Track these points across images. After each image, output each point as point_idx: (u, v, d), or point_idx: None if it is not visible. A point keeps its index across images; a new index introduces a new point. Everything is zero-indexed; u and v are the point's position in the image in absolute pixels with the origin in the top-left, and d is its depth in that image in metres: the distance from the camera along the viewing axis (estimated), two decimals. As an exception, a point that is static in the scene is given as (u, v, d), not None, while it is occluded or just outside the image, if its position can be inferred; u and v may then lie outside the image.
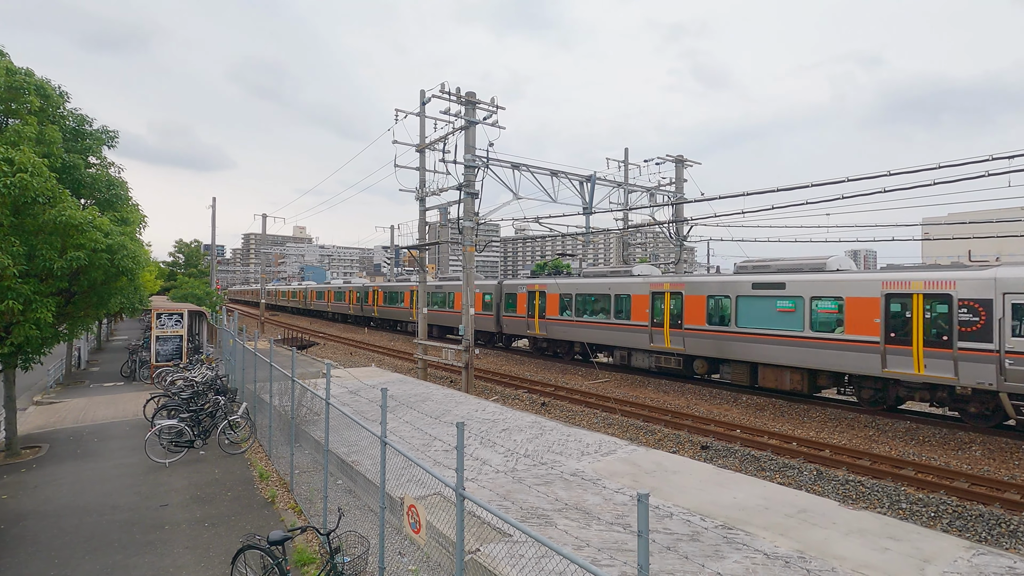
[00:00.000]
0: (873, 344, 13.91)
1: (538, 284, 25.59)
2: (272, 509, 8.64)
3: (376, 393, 13.19)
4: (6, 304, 5.75)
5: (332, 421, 7.82)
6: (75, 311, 7.28)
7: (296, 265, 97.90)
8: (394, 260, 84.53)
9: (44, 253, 6.12)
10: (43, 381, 19.03)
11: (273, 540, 5.50)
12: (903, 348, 13.48)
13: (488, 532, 6.54)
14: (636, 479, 8.37)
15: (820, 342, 15.06)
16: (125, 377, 21.28)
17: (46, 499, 9.06)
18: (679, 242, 26.14)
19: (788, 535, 6.43)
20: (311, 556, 6.95)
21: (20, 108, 6.84)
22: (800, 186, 14.31)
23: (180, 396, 12.86)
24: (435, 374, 22.93)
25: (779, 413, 15.68)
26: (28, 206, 5.94)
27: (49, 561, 7.01)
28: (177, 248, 54.63)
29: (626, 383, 20.29)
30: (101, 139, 7.71)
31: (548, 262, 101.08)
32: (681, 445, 13.13)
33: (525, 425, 11.67)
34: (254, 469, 10.47)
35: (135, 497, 9.12)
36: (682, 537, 6.34)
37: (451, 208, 21.08)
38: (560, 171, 22.03)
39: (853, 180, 13.47)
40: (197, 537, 7.68)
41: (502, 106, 19.25)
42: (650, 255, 39.95)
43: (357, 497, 8.82)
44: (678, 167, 27.12)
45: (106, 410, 15.46)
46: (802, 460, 11.76)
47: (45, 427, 13.55)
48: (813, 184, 14.17)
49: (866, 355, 14.08)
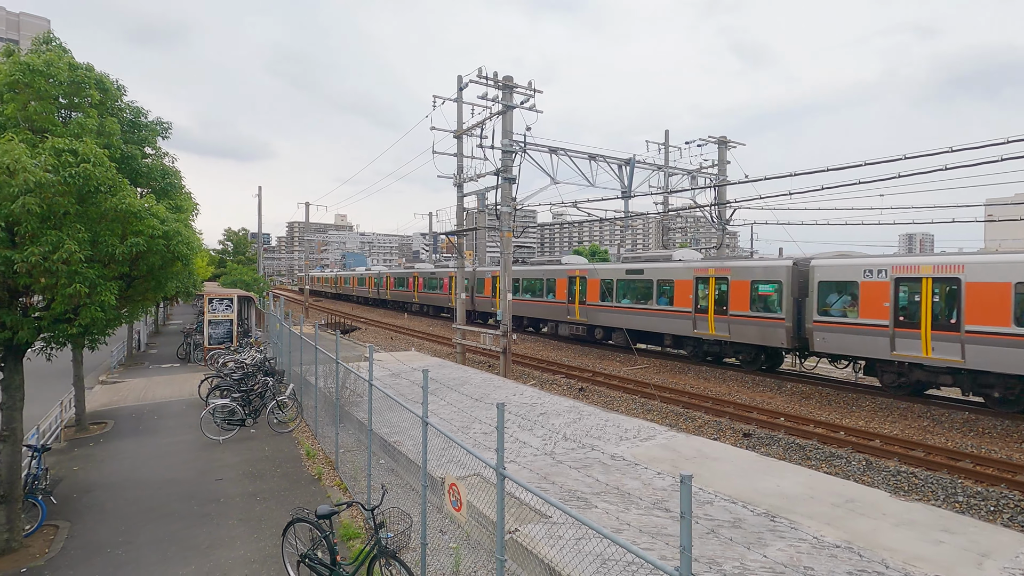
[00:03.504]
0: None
1: (579, 269, 25.45)
2: (319, 485, 8.98)
3: (416, 376, 13.48)
4: (74, 287, 6.11)
5: (375, 403, 8.03)
6: (135, 294, 7.68)
7: (338, 252, 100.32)
8: (432, 247, 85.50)
9: (106, 239, 6.46)
10: (107, 362, 20.22)
11: (321, 514, 5.73)
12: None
13: (527, 513, 6.63)
14: (676, 465, 8.30)
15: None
16: (181, 359, 22.37)
17: (112, 471, 9.67)
18: (721, 226, 25.47)
19: (835, 524, 6.26)
20: (356, 531, 7.21)
21: (82, 102, 7.21)
22: (852, 165, 13.65)
23: (232, 377, 13.47)
24: (473, 359, 23.19)
25: (825, 401, 15.19)
26: (91, 195, 6.27)
27: (116, 528, 7.50)
28: (226, 236, 56.74)
29: (665, 370, 20.04)
30: (156, 130, 8.06)
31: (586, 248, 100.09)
32: (722, 432, 12.91)
33: (563, 409, 11.70)
34: (301, 447, 10.88)
35: (192, 471, 9.63)
36: (723, 523, 6.26)
37: (489, 194, 21.14)
38: (598, 155, 21.74)
39: (911, 158, 12.76)
40: (249, 510, 8.07)
41: (539, 89, 19.08)
42: (690, 240, 39.05)
43: (399, 476, 9.07)
44: (721, 148, 26.33)
45: (164, 390, 16.33)
46: (850, 450, 11.39)
47: (109, 405, 14.43)
48: (866, 163, 13.50)
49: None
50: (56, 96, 7.00)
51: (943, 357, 13.21)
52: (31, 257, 5.90)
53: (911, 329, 13.76)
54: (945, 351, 13.16)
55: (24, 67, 6.50)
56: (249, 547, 6.94)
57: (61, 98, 7.11)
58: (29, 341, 6.69)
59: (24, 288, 6.48)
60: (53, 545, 7.07)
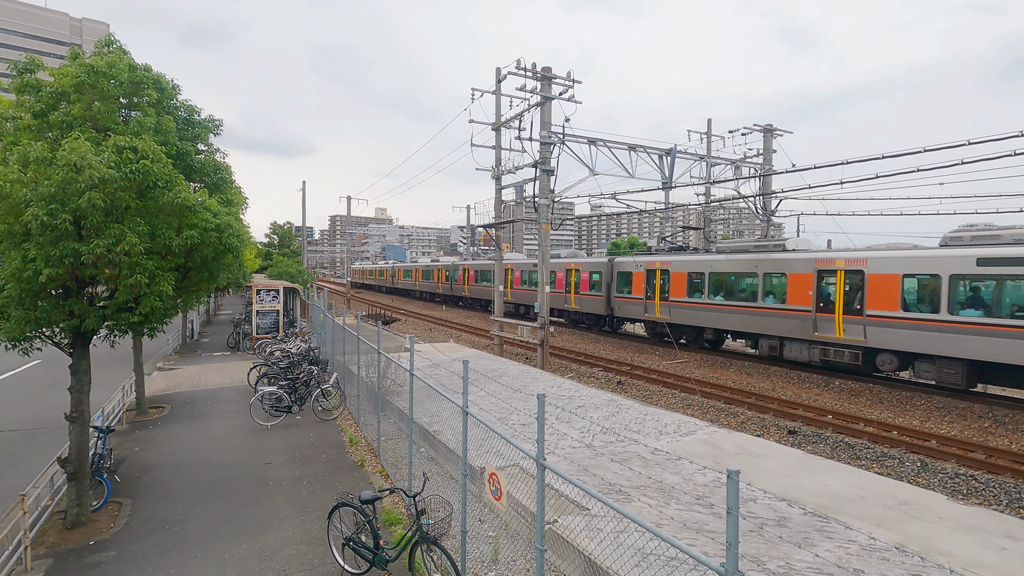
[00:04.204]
0: None
1: (659, 261, 22.80)
2: (361, 472, 9.23)
3: (454, 367, 13.64)
4: (135, 278, 6.45)
5: (415, 392, 8.17)
6: (190, 285, 8.04)
7: (378, 245, 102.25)
8: (470, 239, 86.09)
9: (164, 232, 6.79)
10: (163, 350, 21.27)
11: (364, 499, 5.89)
12: None
13: (565, 504, 6.63)
14: (717, 460, 8.14)
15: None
16: (231, 348, 23.30)
17: (169, 453, 10.19)
18: (766, 217, 24.66)
19: (887, 527, 6.02)
20: (397, 517, 7.38)
21: (140, 101, 7.56)
22: (910, 152, 12.94)
23: (278, 366, 13.94)
24: (510, 351, 23.29)
25: (877, 399, 14.59)
26: (150, 190, 6.59)
27: (174, 506, 7.91)
28: (272, 230, 58.67)
29: (706, 364, 19.63)
30: (208, 127, 8.39)
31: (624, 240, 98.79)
32: (766, 429, 12.58)
33: (601, 402, 11.63)
34: (344, 435, 11.19)
35: (242, 455, 10.05)
36: (768, 521, 6.11)
37: (527, 186, 21.07)
38: (638, 145, 21.37)
39: (975, 143, 12.02)
40: (296, 493, 8.36)
41: (578, 80, 18.88)
42: (732, 232, 38.02)
43: (439, 465, 9.22)
44: (766, 137, 25.46)
45: (216, 377, 17.06)
46: (903, 450, 10.91)
47: (166, 390, 15.18)
48: (925, 149, 12.80)
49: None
50: (117, 96, 7.37)
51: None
52: (96, 249, 6.25)
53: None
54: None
55: (89, 69, 6.86)
56: (296, 529, 7.21)
57: (122, 98, 7.48)
58: (95, 328, 7.10)
59: (90, 279, 6.87)
60: (118, 520, 7.51)
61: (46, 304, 6.65)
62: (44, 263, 6.14)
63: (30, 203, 5.99)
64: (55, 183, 6.02)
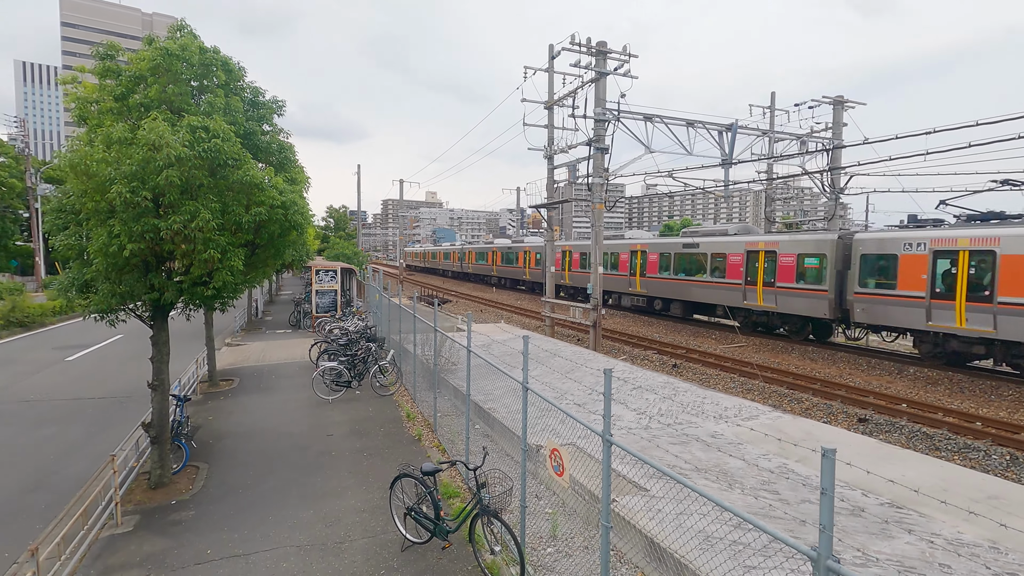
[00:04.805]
0: None
1: (763, 242, 19.36)
2: (419, 446, 9.43)
3: (506, 347, 13.67)
4: (209, 253, 6.74)
5: (471, 371, 8.22)
6: (258, 261, 8.35)
7: (429, 228, 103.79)
8: (519, 222, 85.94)
9: (234, 209, 7.05)
10: (231, 327, 22.41)
11: (425, 471, 5.99)
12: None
13: (624, 485, 6.54)
14: (782, 446, 7.80)
15: None
16: (292, 325, 24.28)
17: (239, 423, 10.74)
18: (835, 195, 23.30)
19: (974, 522, 5.60)
20: (455, 490, 7.50)
21: (210, 83, 7.82)
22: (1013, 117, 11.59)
23: (338, 343, 14.41)
24: (561, 332, 23.18)
25: (957, 388, 13.63)
26: (220, 168, 6.84)
27: (245, 472, 8.34)
28: (328, 213, 60.50)
29: (765, 348, 18.90)
30: (272, 108, 8.61)
31: (677, 222, 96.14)
32: (833, 416, 12.00)
33: (657, 385, 11.39)
34: (401, 410, 11.46)
35: (305, 427, 10.47)
36: (840, 510, 5.81)
37: (579, 166, 20.71)
38: (697, 120, 20.55)
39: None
40: (358, 464, 8.64)
41: (634, 54, 18.25)
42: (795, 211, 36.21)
43: (494, 441, 9.29)
44: (836, 109, 23.94)
45: (279, 352, 17.83)
46: (989, 442, 10.16)
47: (235, 364, 16.00)
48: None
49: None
50: (189, 78, 7.65)
51: None
52: (174, 225, 6.56)
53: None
54: None
55: (163, 51, 7.15)
56: (358, 497, 7.45)
57: (193, 80, 7.77)
58: (173, 302, 7.49)
59: (168, 254, 7.24)
60: (195, 483, 7.99)
61: (130, 278, 7.05)
62: (127, 238, 6.50)
63: (114, 181, 6.33)
64: (136, 162, 6.34)
